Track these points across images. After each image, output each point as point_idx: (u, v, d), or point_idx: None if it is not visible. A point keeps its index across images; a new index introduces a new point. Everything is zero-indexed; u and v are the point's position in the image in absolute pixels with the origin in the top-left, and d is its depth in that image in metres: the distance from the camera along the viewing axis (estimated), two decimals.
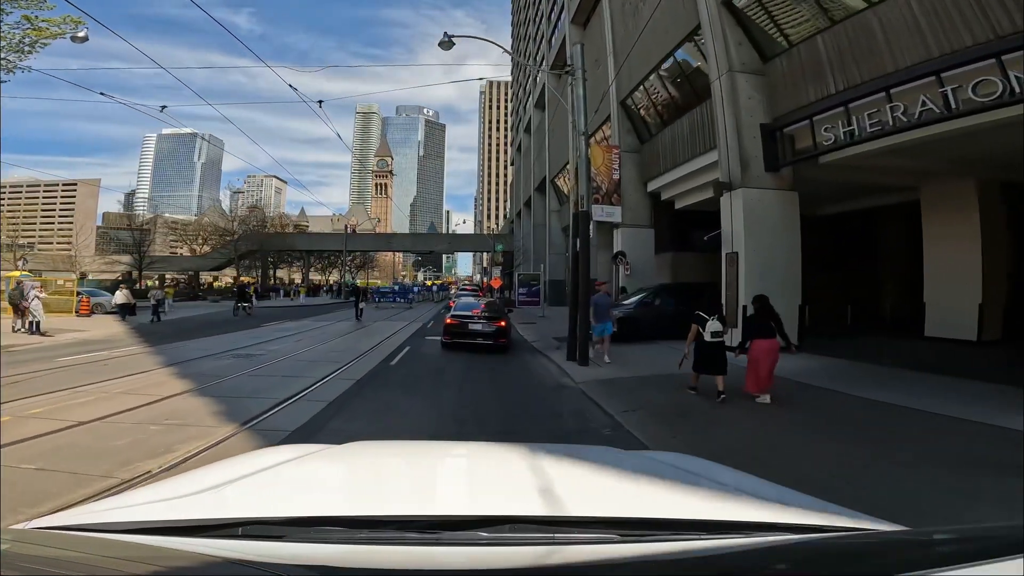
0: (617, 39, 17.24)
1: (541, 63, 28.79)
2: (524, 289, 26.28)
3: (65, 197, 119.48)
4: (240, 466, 1.39)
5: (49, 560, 0.77)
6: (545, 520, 0.98)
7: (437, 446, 2.31)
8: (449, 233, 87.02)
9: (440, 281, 79.76)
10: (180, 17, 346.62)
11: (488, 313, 12.12)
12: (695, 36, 12.52)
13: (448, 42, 10.70)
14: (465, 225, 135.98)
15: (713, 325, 6.48)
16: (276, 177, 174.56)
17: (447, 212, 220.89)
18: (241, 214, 49.84)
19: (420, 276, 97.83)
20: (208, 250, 51.43)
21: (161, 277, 49.77)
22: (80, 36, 12.27)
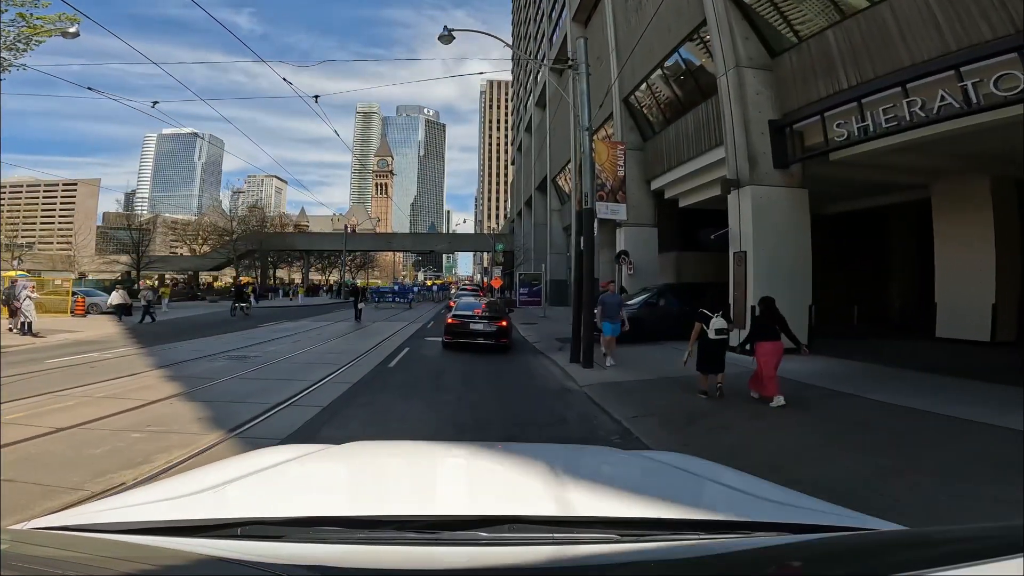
0: (619, 36, 16.99)
1: (542, 59, 28.50)
2: (525, 289, 26.01)
3: (65, 197, 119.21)
4: (240, 466, 1.38)
5: (48, 560, 0.77)
6: (545, 520, 0.97)
7: (436, 446, 2.31)
8: (449, 233, 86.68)
9: (440, 281, 79.51)
10: (181, 17, 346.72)
11: (489, 313, 12.14)
12: (700, 32, 12.26)
13: (448, 36, 10.46)
14: (465, 225, 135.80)
15: (717, 322, 6.38)
16: (276, 177, 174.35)
17: (447, 212, 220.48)
18: (241, 214, 49.47)
19: (420, 276, 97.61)
20: (208, 250, 51.14)
21: (160, 277, 49.54)
22: (71, 32, 12.06)
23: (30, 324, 13.06)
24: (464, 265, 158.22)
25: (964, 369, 7.71)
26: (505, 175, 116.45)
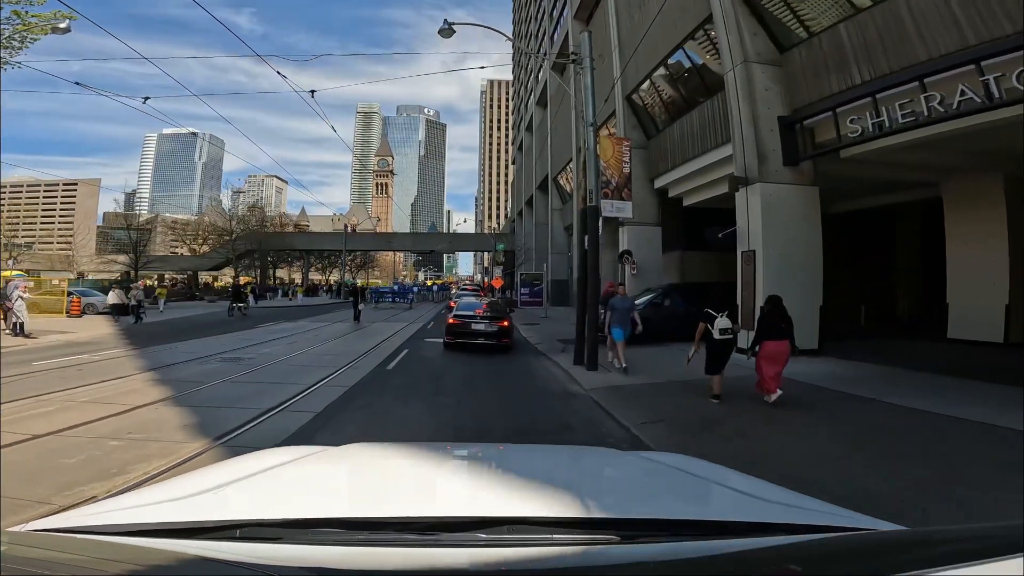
0: (622, 33, 16.72)
1: (544, 54, 28.21)
2: (527, 289, 25.70)
3: (65, 197, 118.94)
4: (239, 467, 1.37)
5: (48, 562, 0.76)
6: (544, 521, 0.96)
7: (436, 447, 2.29)
8: (450, 232, 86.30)
9: (440, 281, 79.19)
10: (181, 17, 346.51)
11: (490, 313, 12.05)
12: (706, 27, 11.98)
13: (448, 29, 10.20)
14: (466, 224, 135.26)
15: (722, 322, 6.23)
16: (277, 177, 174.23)
17: (448, 212, 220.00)
18: (240, 213, 49.20)
19: (421, 276, 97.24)
20: (207, 250, 50.85)
21: (160, 277, 49.29)
22: (62, 27, 11.85)
23: (22, 325, 12.80)
24: (465, 265, 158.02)
25: (983, 372, 7.42)
26: (506, 175, 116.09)
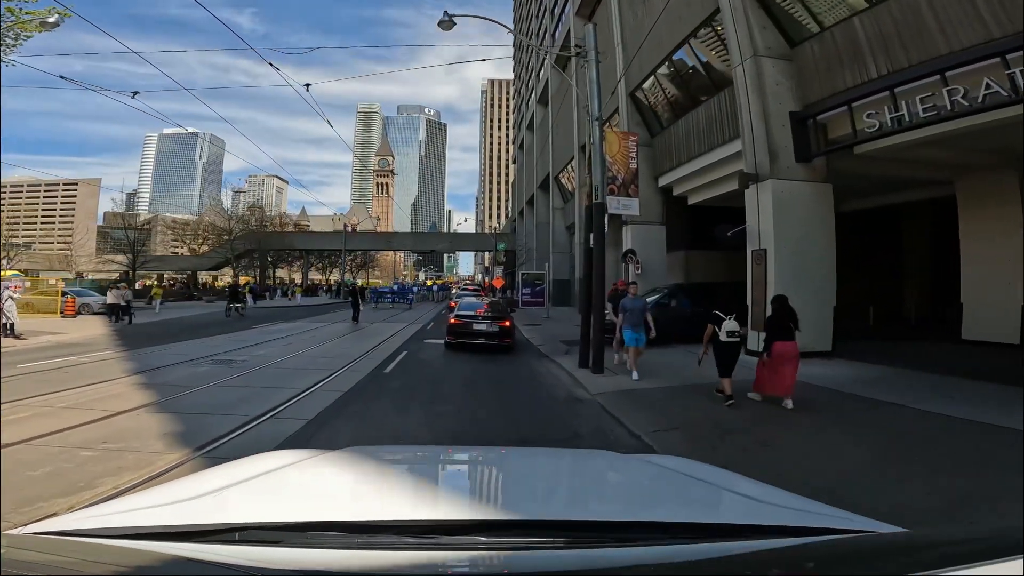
0: (626, 29, 16.41)
1: (548, 47, 27.88)
2: (528, 289, 25.39)
3: (66, 197, 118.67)
4: (238, 471, 1.36)
5: (47, 565, 0.75)
6: (544, 524, 0.96)
7: (435, 451, 2.18)
8: (450, 232, 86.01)
9: (441, 281, 78.85)
10: (182, 17, 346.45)
11: (492, 313, 11.88)
12: (713, 21, 11.66)
13: (448, 21, 9.88)
14: (467, 224, 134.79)
15: (729, 324, 6.14)
16: (277, 177, 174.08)
17: (448, 211, 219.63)
18: (240, 213, 48.93)
19: (421, 276, 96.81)
20: (206, 250, 50.54)
21: (159, 276, 48.97)
22: (50, 22, 11.52)
23: (12, 325, 12.50)
24: (465, 265, 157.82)
25: (1007, 375, 7.09)
26: (506, 174, 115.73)
